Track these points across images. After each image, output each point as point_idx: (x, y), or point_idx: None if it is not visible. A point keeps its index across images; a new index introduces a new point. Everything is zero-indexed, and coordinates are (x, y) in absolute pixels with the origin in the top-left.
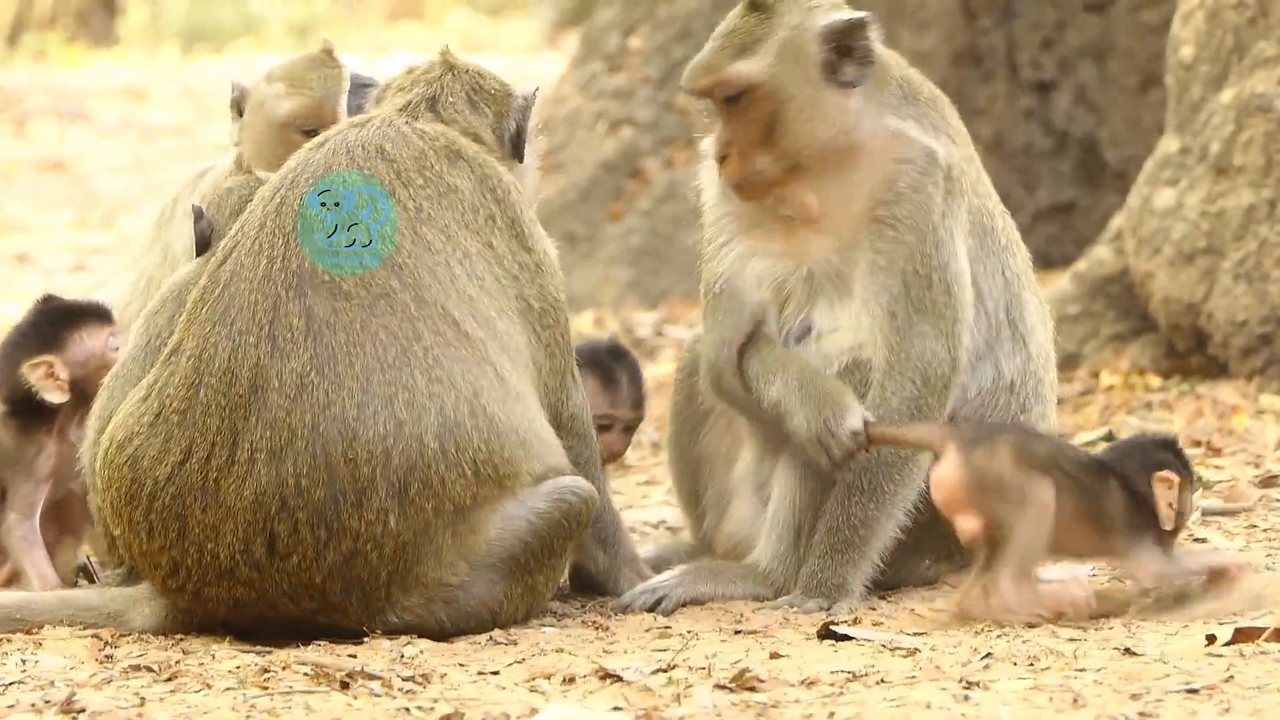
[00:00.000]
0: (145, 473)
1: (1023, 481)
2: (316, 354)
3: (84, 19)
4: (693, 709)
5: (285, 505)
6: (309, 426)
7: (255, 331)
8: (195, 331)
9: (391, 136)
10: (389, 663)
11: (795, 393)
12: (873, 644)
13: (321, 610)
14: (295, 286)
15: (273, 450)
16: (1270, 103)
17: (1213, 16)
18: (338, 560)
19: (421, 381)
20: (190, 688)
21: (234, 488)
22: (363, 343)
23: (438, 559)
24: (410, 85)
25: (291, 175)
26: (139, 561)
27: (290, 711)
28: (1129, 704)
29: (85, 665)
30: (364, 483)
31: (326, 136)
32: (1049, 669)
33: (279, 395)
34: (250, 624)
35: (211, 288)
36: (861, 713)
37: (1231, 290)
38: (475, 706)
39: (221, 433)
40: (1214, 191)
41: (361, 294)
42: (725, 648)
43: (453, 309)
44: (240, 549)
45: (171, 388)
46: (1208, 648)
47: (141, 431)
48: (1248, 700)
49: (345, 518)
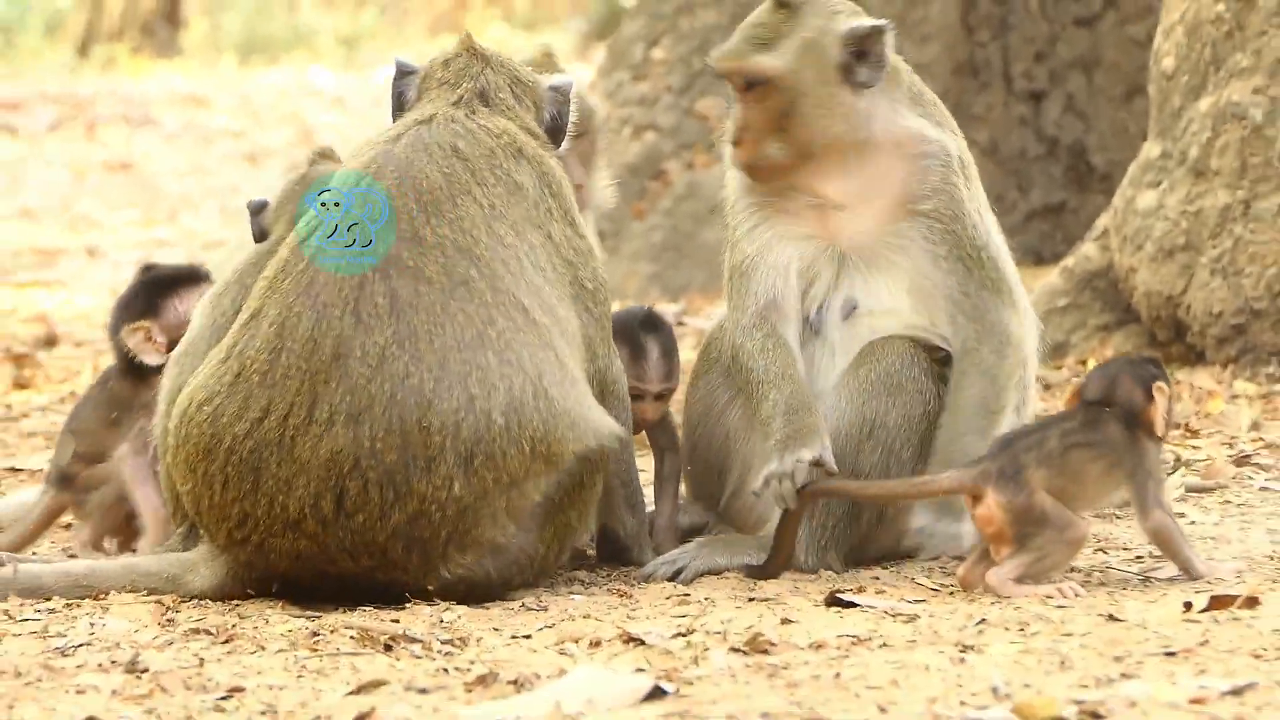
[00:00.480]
0: (224, 428)
1: (1064, 515)
2: (398, 330)
3: (149, 32)
4: (709, 670)
5: (358, 465)
6: (388, 395)
7: (340, 305)
8: (277, 300)
9: (462, 134)
10: (429, 627)
11: (780, 414)
12: (876, 611)
13: (380, 568)
14: (380, 269)
15: (351, 414)
16: (1245, 110)
17: (1192, 31)
18: (402, 520)
19: (493, 363)
20: (245, 649)
21: (310, 445)
22: (442, 324)
23: (492, 521)
24: (455, 79)
25: (376, 167)
26: (206, 517)
27: (338, 672)
28: (1112, 666)
29: (149, 629)
30: (434, 450)
31: (398, 131)
32: (1038, 634)
33: (360, 364)
34: (308, 579)
35: (295, 261)
36: (865, 674)
37: (1208, 284)
38: (509, 667)
39: (301, 394)
40: (1192, 193)
41: (443, 280)
42: (740, 614)
43: (523, 297)
44: (310, 503)
45: (252, 350)
46: (1185, 614)
47: (221, 391)
48: (1221, 662)
49: (414, 481)
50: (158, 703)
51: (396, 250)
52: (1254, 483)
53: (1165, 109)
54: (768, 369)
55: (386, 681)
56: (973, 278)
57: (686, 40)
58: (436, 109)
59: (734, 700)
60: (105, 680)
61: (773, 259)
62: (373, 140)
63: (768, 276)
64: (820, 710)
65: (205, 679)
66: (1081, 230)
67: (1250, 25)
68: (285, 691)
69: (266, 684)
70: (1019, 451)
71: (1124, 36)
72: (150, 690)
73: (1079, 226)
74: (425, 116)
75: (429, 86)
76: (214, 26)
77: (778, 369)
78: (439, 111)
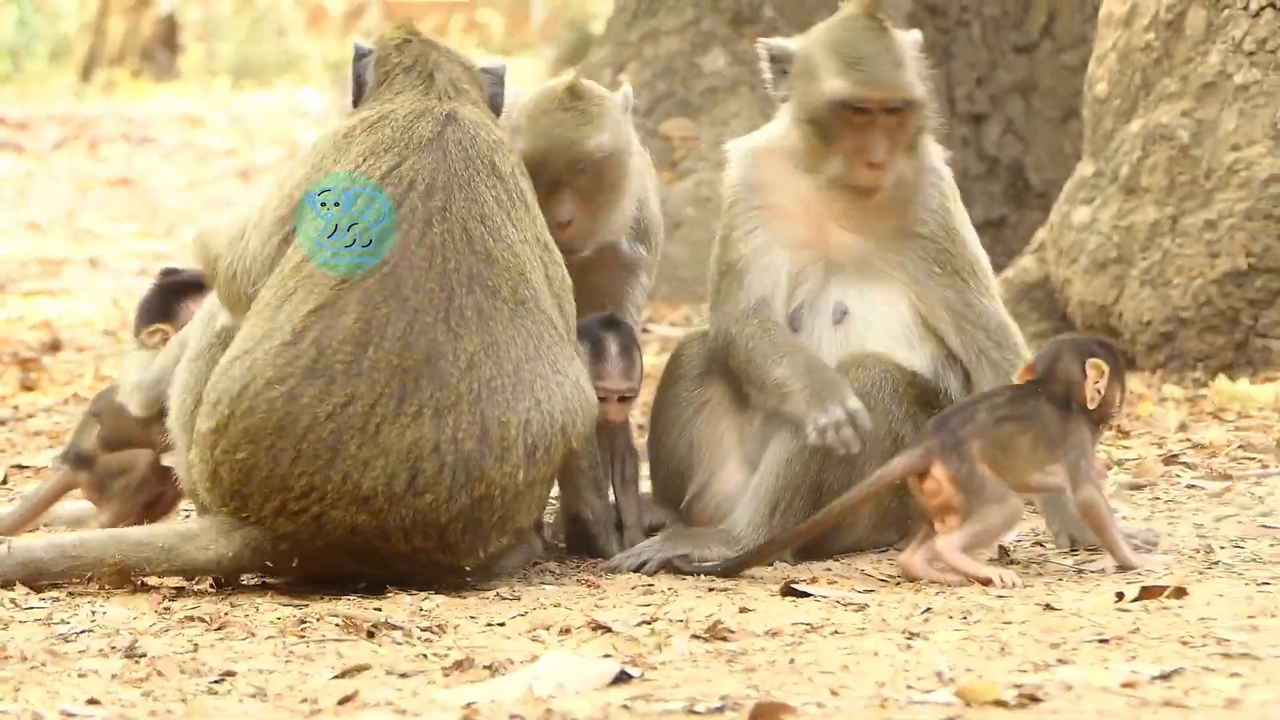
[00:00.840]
0: (304, 408)
1: (1001, 488)
2: (483, 340)
3: (148, 57)
4: (672, 656)
5: (438, 449)
6: (474, 394)
7: (432, 312)
8: (359, 298)
9: (491, 145)
10: (409, 615)
11: (799, 375)
12: (828, 600)
13: (434, 548)
14: (466, 284)
15: (438, 409)
16: (1173, 132)
17: (1124, 58)
18: (467, 504)
19: (549, 372)
20: (237, 635)
21: (396, 433)
22: (513, 337)
23: (530, 506)
24: (419, 64)
25: (443, 181)
26: (256, 488)
27: (324, 657)
28: (1049, 652)
29: (146, 616)
30: (509, 443)
31: (433, 129)
32: (980, 622)
33: (451, 366)
34: (344, 556)
35: (377, 265)
36: (818, 659)
37: (1138, 294)
38: (484, 653)
39: (390, 387)
40: (1123, 209)
41: (510, 298)
42: (700, 603)
43: (550, 313)
44: (384, 482)
45: (334, 341)
46: (1117, 604)
47: (295, 374)
48: (1151, 649)
49: (487, 467)
50: (154, 686)
51: (476, 268)
52: (1181, 480)
53: (1098, 131)
54: (774, 343)
55: (369, 666)
56: (970, 289)
57: (650, 66)
58: (437, 103)
59: (695, 684)
60: (105, 665)
61: (766, 261)
62: (402, 126)
63: (760, 277)
64: (775, 693)
65: (199, 663)
66: (1020, 244)
67: (1178, 53)
68: (274, 675)
69: (257, 668)
70: (955, 426)
71: (1060, 63)
72: (148, 674)
73: (1018, 240)
74: (444, 113)
75: (391, 71)
76: (209, 52)
77: (784, 342)
78: (458, 110)
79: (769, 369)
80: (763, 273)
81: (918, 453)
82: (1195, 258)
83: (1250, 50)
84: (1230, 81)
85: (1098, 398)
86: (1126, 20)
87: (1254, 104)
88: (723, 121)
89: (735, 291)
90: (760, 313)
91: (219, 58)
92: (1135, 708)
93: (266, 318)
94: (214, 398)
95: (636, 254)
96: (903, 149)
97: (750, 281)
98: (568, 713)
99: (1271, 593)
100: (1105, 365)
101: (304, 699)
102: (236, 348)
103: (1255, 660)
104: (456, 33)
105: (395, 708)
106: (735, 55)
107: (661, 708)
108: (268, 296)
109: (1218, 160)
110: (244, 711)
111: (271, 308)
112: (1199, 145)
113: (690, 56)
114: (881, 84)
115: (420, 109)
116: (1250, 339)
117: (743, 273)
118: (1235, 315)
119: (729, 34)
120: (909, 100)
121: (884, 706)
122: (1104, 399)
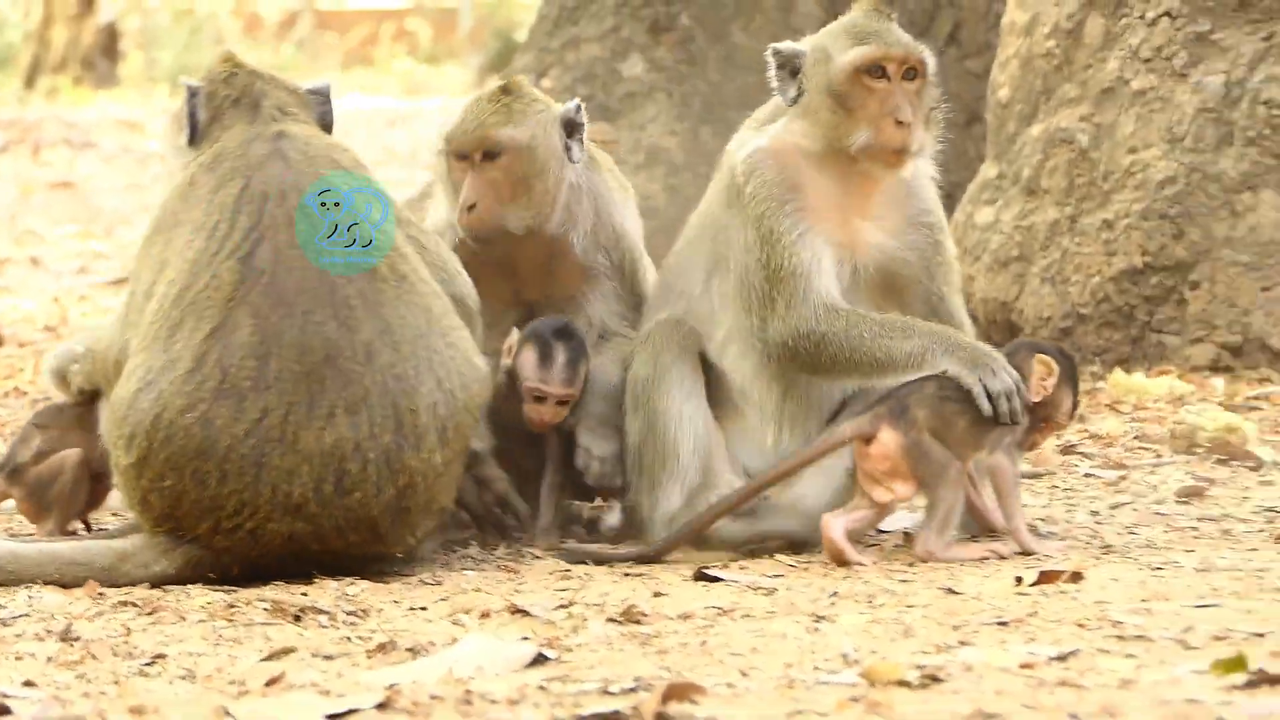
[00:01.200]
0: (221, 430)
1: (944, 453)
2: (375, 326)
3: (89, 64)
4: (588, 638)
5: (359, 447)
6: (380, 385)
7: (320, 311)
8: (249, 312)
9: (326, 145)
10: (334, 599)
11: (942, 343)
12: (738, 584)
13: (368, 541)
14: (344, 274)
15: (349, 406)
16: (1072, 135)
17: (1025, 64)
18: (393, 495)
19: (442, 345)
20: (168, 620)
21: (314, 437)
22: (403, 315)
23: (450, 486)
24: (245, 95)
25: (293, 177)
26: (188, 511)
27: (252, 640)
28: (951, 634)
29: (81, 601)
30: (422, 429)
31: (270, 147)
32: (884, 605)
33: (351, 362)
34: (285, 560)
35: (255, 276)
36: (728, 642)
37: (1039, 291)
38: (407, 636)
39: (298, 394)
40: (1025, 209)
41: (391, 277)
42: (616, 588)
43: (433, 284)
44: (313, 488)
45: (235, 359)
46: (1016, 588)
47: (205, 399)
48: (1049, 631)
49: (407, 457)
50: (88, 668)
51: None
52: (1079, 469)
53: (1001, 134)
54: (884, 324)
55: (295, 649)
56: (949, 283)
57: (572, 71)
58: (265, 126)
59: (610, 665)
60: (41, 648)
61: (825, 265)
62: (236, 154)
63: (825, 279)
64: (687, 674)
65: (132, 647)
66: None
67: (1077, 60)
68: (204, 658)
69: (187, 651)
70: (902, 395)
71: (964, 70)
72: (82, 657)
73: None
74: (273, 133)
75: (220, 105)
76: (148, 60)
77: (895, 321)
78: (283, 128)
79: (895, 345)
80: (825, 277)
81: (866, 418)
82: (1093, 256)
83: (1147, 57)
84: (1128, 87)
85: (1043, 393)
86: (1028, 29)
87: (1150, 109)
88: (641, 125)
89: (804, 292)
90: (841, 305)
91: (158, 65)
92: (1033, 688)
93: (160, 349)
94: (128, 432)
95: (593, 261)
96: (921, 119)
97: (817, 282)
98: (486, 693)
99: (1164, 577)
100: (1055, 365)
101: (232, 680)
102: (137, 381)
103: (1149, 642)
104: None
105: (320, 689)
106: (653, 61)
107: (577, 689)
108: (153, 331)
109: (1115, 163)
110: (174, 693)
111: (163, 340)
112: (1097, 148)
113: (610, 63)
114: (897, 43)
115: (250, 136)
116: (1146, 334)
117: (808, 274)
118: (1131, 311)
119: (647, 41)
120: (923, 61)
121: (791, 687)
122: (1050, 400)
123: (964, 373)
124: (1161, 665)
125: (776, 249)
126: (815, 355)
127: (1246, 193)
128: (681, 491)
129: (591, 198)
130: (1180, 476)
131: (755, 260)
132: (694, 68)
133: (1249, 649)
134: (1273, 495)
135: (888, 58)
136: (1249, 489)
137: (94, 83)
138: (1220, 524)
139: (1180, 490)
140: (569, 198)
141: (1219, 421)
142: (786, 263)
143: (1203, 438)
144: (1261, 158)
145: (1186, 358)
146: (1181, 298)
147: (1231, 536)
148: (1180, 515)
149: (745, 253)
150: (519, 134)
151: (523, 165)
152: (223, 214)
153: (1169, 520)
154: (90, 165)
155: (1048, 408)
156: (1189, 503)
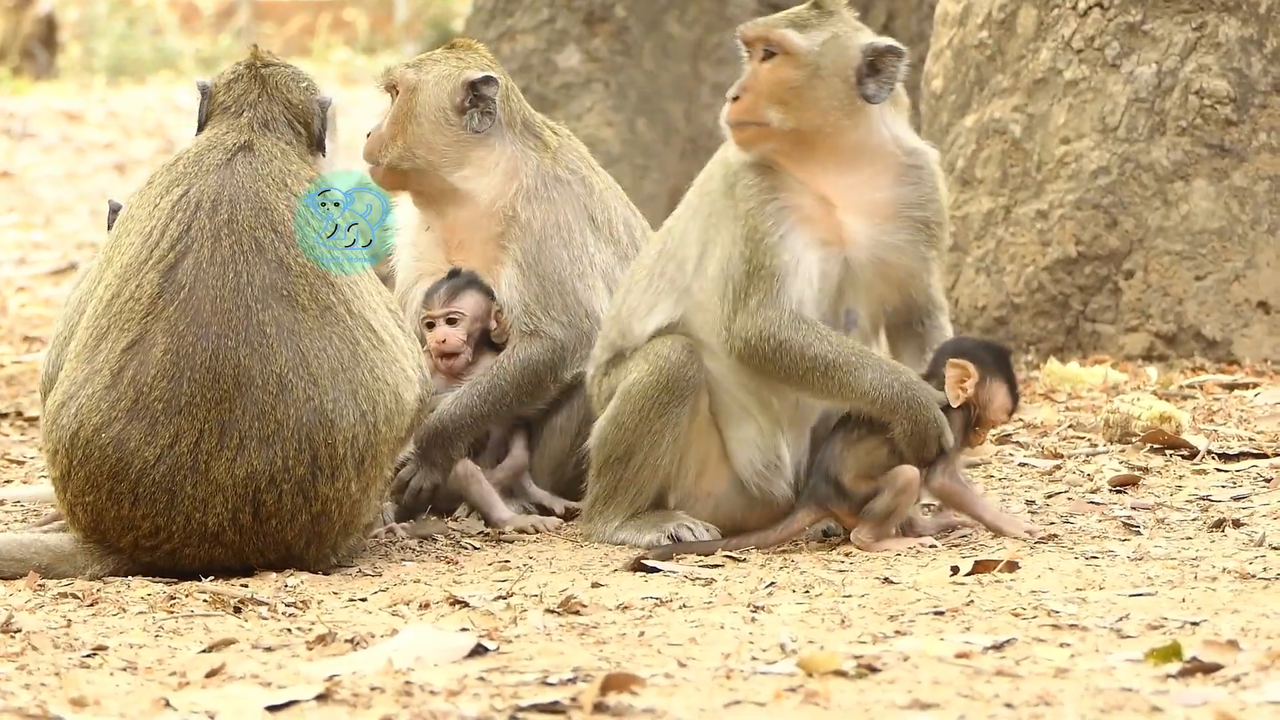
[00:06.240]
0: (133, 453)
1: (887, 475)
2: (290, 357)
3: (28, 55)
4: (527, 629)
5: (273, 480)
6: (294, 419)
7: (233, 335)
8: (164, 329)
9: (285, 169)
10: (274, 591)
11: (889, 382)
12: (676, 575)
13: (285, 560)
14: (261, 299)
15: (262, 438)
16: (1006, 126)
17: (958, 55)
18: (307, 520)
19: (368, 379)
20: (109, 611)
21: (225, 468)
22: (323, 348)
23: (369, 507)
24: (237, 105)
25: (229, 193)
26: (110, 525)
27: (192, 632)
28: (887, 624)
29: (22, 592)
30: (338, 461)
31: (224, 156)
32: (821, 595)
33: (263, 392)
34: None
35: (174, 290)
36: (666, 632)
37: (974, 281)
38: (346, 627)
39: (209, 421)
40: (960, 199)
41: (312, 307)
42: (554, 579)
43: (369, 317)
44: (229, 518)
45: (149, 378)
46: (952, 577)
47: (120, 417)
48: (984, 620)
49: (321, 487)
50: (29, 660)
51: (271, 278)
52: (1014, 459)
53: (935, 124)
54: (842, 347)
55: (236, 640)
56: (936, 275)
57: (508, 62)
58: (234, 136)
59: (548, 656)
60: None
61: (804, 269)
62: (193, 159)
63: (798, 281)
64: (626, 665)
65: (73, 638)
66: None
67: (1010, 50)
68: (144, 650)
69: (128, 643)
70: (827, 466)
71: None
72: (23, 649)
73: None
74: (236, 144)
75: (214, 111)
76: (87, 51)
77: (851, 345)
78: (251, 140)
79: (848, 373)
80: (799, 277)
81: (813, 507)
82: (1027, 246)
83: (1079, 48)
84: (1060, 78)
85: (960, 396)
86: (961, 19)
87: (1083, 99)
88: (577, 116)
89: (776, 294)
90: (809, 317)
91: (96, 56)
92: (969, 677)
93: (86, 359)
94: (51, 447)
95: (501, 214)
96: (765, 96)
97: (791, 288)
98: (426, 684)
99: (1099, 566)
100: (971, 367)
101: (173, 672)
102: (62, 393)
103: (1084, 631)
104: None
105: (260, 680)
106: (588, 53)
107: (516, 679)
108: (84, 337)
109: (1048, 153)
110: (115, 684)
111: (90, 348)
112: (1031, 139)
113: (546, 54)
114: (757, 25)
115: (213, 142)
116: (1080, 324)
117: (785, 277)
118: (1065, 301)
119: (583, 32)
120: (768, 40)
121: (729, 677)
122: (978, 400)
123: (894, 420)
124: (1096, 654)
125: (760, 247)
126: (771, 360)
127: (1179, 182)
128: (628, 512)
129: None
130: (1115, 466)
131: (739, 253)
132: (629, 59)
133: (1183, 638)
134: (1206, 484)
135: (744, 37)
136: (1183, 478)
137: (33, 73)
138: (1155, 513)
139: (1115, 479)
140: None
141: (1153, 410)
142: (767, 262)
143: (1137, 427)
144: (1194, 147)
145: (1121, 347)
146: (1115, 287)
147: (1166, 525)
148: (1115, 504)
149: (732, 244)
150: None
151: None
152: (159, 220)
153: (1103, 509)
154: (29, 155)
155: (977, 408)
156: (1124, 492)
